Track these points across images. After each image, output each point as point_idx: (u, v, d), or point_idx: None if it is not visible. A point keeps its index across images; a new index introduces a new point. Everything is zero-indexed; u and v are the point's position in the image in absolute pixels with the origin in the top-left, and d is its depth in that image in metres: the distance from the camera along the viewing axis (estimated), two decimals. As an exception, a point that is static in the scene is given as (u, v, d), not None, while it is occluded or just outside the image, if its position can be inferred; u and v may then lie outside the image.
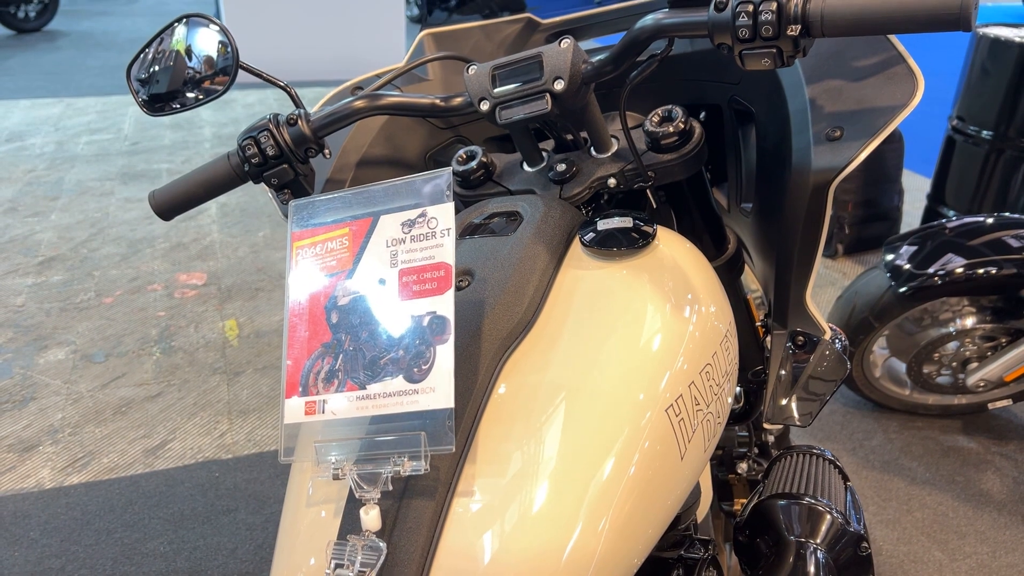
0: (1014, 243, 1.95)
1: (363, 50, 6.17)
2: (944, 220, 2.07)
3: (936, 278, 1.95)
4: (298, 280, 0.72)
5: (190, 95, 0.94)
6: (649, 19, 0.78)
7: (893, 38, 0.80)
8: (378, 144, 1.11)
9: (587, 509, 0.64)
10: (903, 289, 1.98)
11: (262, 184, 0.92)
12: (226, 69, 0.93)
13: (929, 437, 2.22)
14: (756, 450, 1.37)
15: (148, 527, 1.85)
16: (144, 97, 0.94)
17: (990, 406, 2.24)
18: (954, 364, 2.13)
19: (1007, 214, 2.03)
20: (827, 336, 0.89)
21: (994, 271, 1.92)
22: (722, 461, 1.38)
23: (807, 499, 0.83)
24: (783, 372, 0.90)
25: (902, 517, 1.94)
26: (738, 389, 1.12)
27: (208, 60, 0.93)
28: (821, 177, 0.78)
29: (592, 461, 0.65)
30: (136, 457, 2.08)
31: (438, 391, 0.64)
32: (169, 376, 2.42)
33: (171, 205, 0.95)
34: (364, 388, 0.66)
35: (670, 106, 0.90)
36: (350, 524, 0.65)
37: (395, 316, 0.67)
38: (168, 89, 0.93)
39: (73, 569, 1.73)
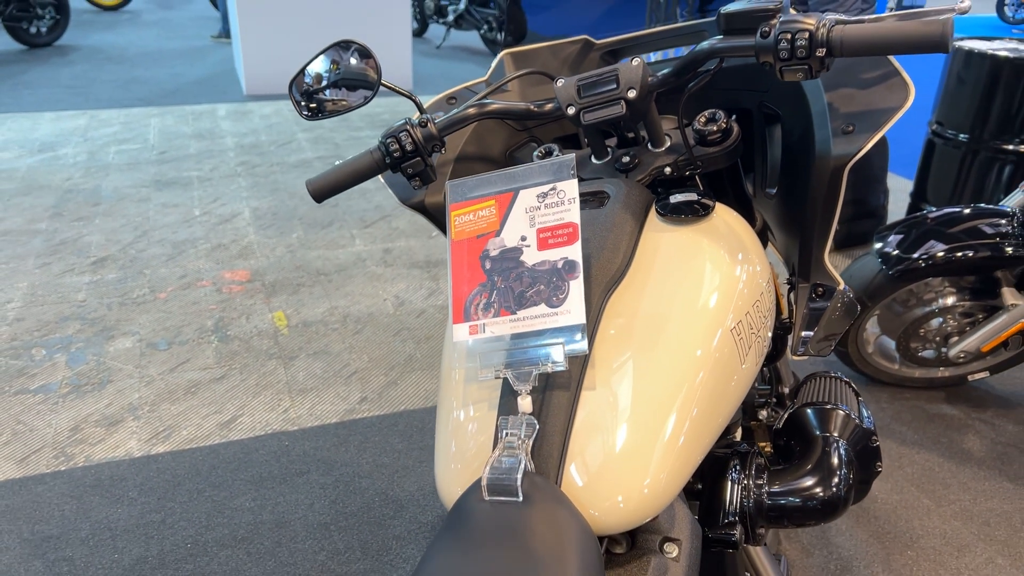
0: (988, 230, 2.23)
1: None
2: (927, 211, 2.35)
3: (921, 261, 2.23)
4: (457, 239, 0.97)
5: (341, 103, 1.18)
6: (706, 44, 1.04)
7: (891, 57, 1.06)
8: (471, 144, 1.37)
9: (677, 401, 0.89)
10: (892, 272, 2.25)
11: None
12: (370, 83, 1.17)
13: (916, 406, 2.50)
14: (774, 399, 1.63)
15: (233, 487, 2.09)
16: (304, 107, 1.19)
17: (970, 378, 2.52)
18: (937, 339, 2.40)
19: (982, 205, 2.31)
20: (841, 287, 1.16)
21: (971, 254, 2.20)
22: (745, 411, 1.64)
23: (829, 406, 1.09)
24: (806, 315, 1.16)
25: (894, 472, 2.21)
26: None
27: (356, 75, 1.18)
28: (839, 161, 1.04)
29: (680, 367, 0.91)
30: (211, 430, 2.31)
31: (573, 312, 0.89)
32: (230, 361, 2.65)
33: (325, 190, 1.19)
34: (515, 314, 0.92)
35: (713, 110, 1.16)
36: (506, 409, 0.90)
37: (536, 261, 0.93)
38: (323, 99, 1.18)
39: (173, 521, 1.97)
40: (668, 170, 1.17)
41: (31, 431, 2.29)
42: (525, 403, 0.88)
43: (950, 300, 2.34)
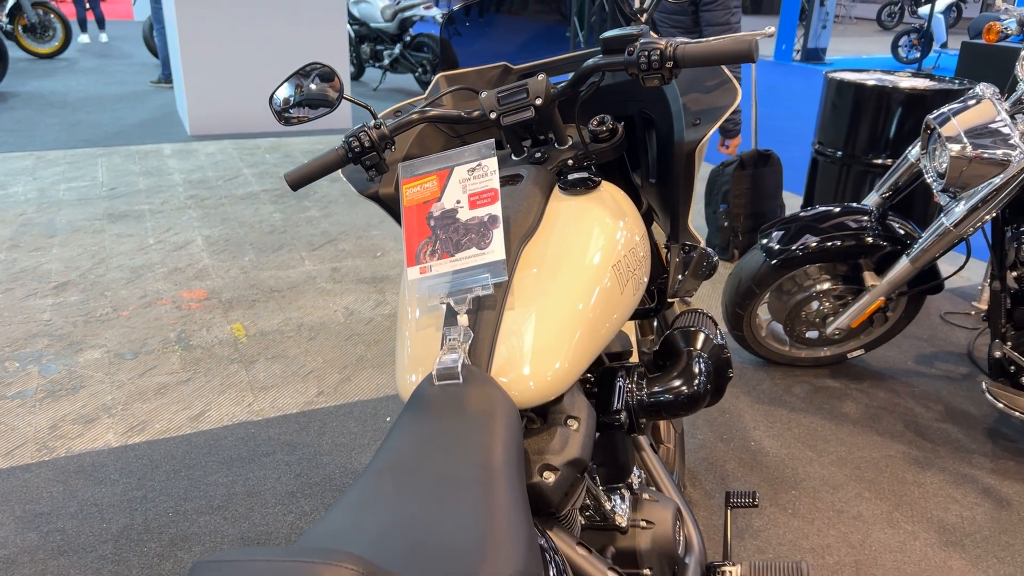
0: (852, 224, 2.65)
1: (311, 103, 6.72)
2: (802, 210, 2.77)
3: (798, 252, 2.63)
4: (409, 205, 1.29)
5: (310, 113, 1.50)
6: (590, 61, 1.39)
7: (724, 68, 1.43)
8: (415, 147, 1.69)
9: (573, 315, 1.22)
10: (775, 261, 2.65)
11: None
12: (329, 101, 1.49)
13: (805, 380, 2.89)
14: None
15: (206, 467, 2.33)
16: (280, 113, 1.50)
17: (849, 356, 2.93)
18: (817, 320, 2.81)
19: (848, 204, 2.74)
20: (702, 245, 1.51)
21: (839, 244, 2.61)
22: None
23: (694, 329, 1.43)
24: (678, 266, 1.52)
25: (784, 432, 2.58)
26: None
27: (316, 96, 1.50)
28: (690, 146, 1.40)
29: (575, 291, 1.24)
30: (183, 423, 2.55)
31: (496, 251, 1.22)
32: (194, 366, 2.89)
33: (300, 180, 1.49)
34: (454, 256, 1.24)
35: (602, 115, 1.52)
36: (449, 324, 1.22)
37: (468, 217, 1.25)
38: (296, 108, 1.50)
39: (154, 496, 2.20)
40: (570, 162, 1.51)
41: (12, 430, 2.49)
42: (463, 319, 1.20)
43: (825, 285, 2.75)
